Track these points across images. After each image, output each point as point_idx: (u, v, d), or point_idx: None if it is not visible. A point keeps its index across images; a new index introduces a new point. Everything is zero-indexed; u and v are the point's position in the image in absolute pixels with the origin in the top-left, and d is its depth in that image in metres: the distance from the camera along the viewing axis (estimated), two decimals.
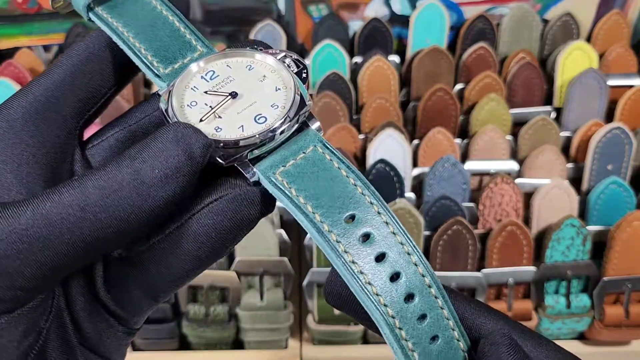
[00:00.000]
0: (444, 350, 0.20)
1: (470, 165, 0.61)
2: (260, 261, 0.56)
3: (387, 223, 0.20)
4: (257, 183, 0.21)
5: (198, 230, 0.21)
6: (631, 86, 0.65)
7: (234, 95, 0.22)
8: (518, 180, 0.60)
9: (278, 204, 0.21)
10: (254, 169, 0.21)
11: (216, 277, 0.55)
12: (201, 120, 0.21)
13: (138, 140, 0.22)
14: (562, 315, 0.57)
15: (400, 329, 0.19)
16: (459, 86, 0.67)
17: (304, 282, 0.56)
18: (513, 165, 0.62)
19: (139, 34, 0.23)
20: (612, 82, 0.65)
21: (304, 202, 0.20)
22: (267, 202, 0.21)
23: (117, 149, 0.23)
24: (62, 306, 0.21)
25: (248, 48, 0.23)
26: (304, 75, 0.23)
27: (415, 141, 0.63)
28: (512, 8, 0.70)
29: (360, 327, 0.57)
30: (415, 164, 0.62)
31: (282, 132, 0.21)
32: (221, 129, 0.21)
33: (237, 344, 0.59)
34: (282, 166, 0.21)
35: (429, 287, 0.20)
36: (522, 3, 0.70)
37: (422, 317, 0.19)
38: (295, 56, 0.23)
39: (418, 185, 0.61)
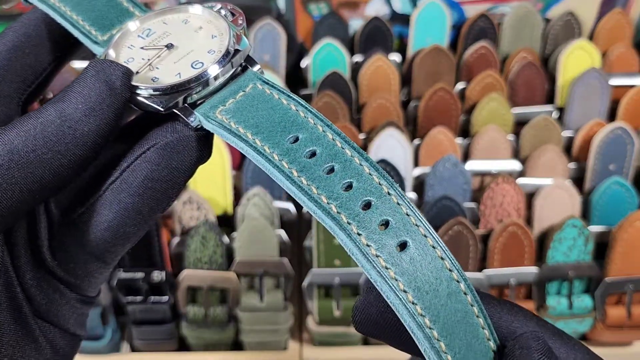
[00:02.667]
0: (414, 254, 0.18)
1: (472, 165, 0.61)
2: (260, 262, 0.55)
3: (333, 139, 0.20)
4: (200, 129, 0.21)
5: (134, 182, 0.21)
6: (633, 86, 0.64)
7: (169, 46, 0.22)
8: (519, 180, 0.60)
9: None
10: (194, 113, 0.21)
11: (216, 278, 0.55)
12: (137, 73, 0.21)
13: None
14: (563, 316, 0.57)
15: (348, 223, 0.18)
16: (460, 85, 0.67)
17: (304, 283, 0.56)
18: (514, 165, 0.61)
19: (75, 6, 0.23)
20: (614, 81, 0.65)
21: (244, 131, 0.20)
22: (203, 147, 0.21)
23: None
24: (12, 276, 0.21)
25: (184, 4, 0.24)
26: (240, 22, 0.23)
27: (416, 141, 0.63)
28: (513, 7, 0.70)
29: None
30: (416, 164, 0.62)
31: (218, 75, 0.21)
32: (158, 78, 0.21)
33: (237, 346, 0.59)
34: (222, 105, 0.21)
35: (389, 194, 0.19)
36: (524, 2, 0.70)
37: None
38: (230, 7, 0.23)
39: (419, 185, 0.61)
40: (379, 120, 0.63)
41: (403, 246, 0.18)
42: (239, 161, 0.63)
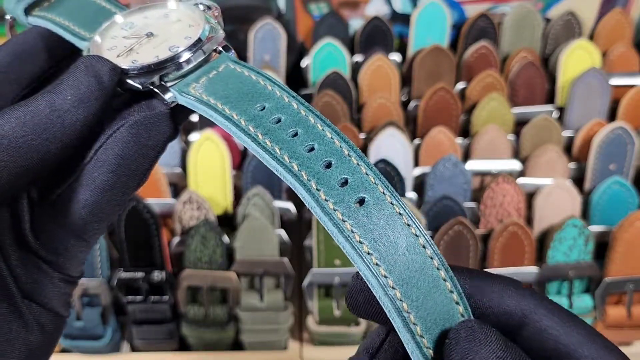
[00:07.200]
0: (371, 209, 0.19)
1: (472, 165, 0.61)
2: (260, 262, 0.55)
3: (298, 108, 0.22)
4: (174, 106, 0.23)
5: (107, 160, 0.22)
6: (633, 85, 0.64)
7: (149, 35, 0.24)
8: (520, 180, 0.60)
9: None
10: (170, 90, 0.23)
11: (216, 277, 0.55)
12: (118, 56, 0.23)
13: None
14: None
15: (318, 191, 0.20)
16: (460, 85, 0.67)
17: (304, 283, 0.56)
18: (515, 165, 0.61)
19: (67, 16, 0.25)
20: (614, 81, 0.65)
21: (214, 101, 0.22)
22: (172, 124, 0.23)
23: None
24: None
25: (163, 1, 0.26)
26: (216, 14, 0.25)
27: (417, 141, 0.63)
28: (513, 7, 0.70)
29: (360, 328, 0.57)
30: (416, 164, 0.62)
31: (192, 55, 0.23)
32: (137, 61, 0.23)
33: (237, 345, 0.59)
34: (196, 83, 0.23)
35: (349, 156, 0.20)
36: (524, 2, 0.70)
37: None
38: (206, 2, 0.26)
39: (419, 185, 0.61)
40: (379, 120, 0.63)
41: (361, 202, 0.19)
42: (239, 161, 0.63)
